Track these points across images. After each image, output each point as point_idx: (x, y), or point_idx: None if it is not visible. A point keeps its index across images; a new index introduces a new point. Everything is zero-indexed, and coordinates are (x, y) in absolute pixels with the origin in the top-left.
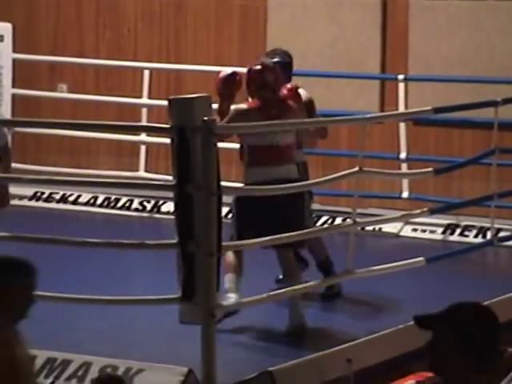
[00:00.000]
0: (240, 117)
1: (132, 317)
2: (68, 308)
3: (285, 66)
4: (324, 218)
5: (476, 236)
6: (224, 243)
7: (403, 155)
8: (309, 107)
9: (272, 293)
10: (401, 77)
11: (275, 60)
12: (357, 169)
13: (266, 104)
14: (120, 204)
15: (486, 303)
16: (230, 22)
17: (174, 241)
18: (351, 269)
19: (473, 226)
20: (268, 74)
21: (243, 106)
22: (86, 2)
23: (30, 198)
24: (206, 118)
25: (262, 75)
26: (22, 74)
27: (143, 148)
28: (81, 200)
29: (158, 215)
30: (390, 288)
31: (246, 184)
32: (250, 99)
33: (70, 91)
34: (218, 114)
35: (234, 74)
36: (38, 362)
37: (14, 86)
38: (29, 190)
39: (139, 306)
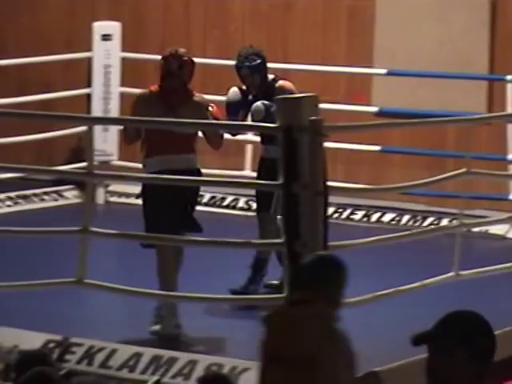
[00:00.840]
0: (142, 103)
1: (235, 315)
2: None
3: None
4: (430, 219)
5: None
6: (330, 243)
7: (511, 156)
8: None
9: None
10: (509, 77)
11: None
12: (464, 170)
13: (166, 91)
14: (226, 203)
15: None
16: (338, 22)
17: (281, 240)
18: (457, 270)
19: None
20: (172, 62)
21: (146, 91)
22: (193, 1)
23: (137, 196)
24: (313, 118)
25: (167, 63)
26: (130, 72)
27: (249, 147)
28: None
29: None
30: (495, 290)
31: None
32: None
33: None
34: None
35: None
36: (145, 360)
37: (122, 85)
38: (136, 188)
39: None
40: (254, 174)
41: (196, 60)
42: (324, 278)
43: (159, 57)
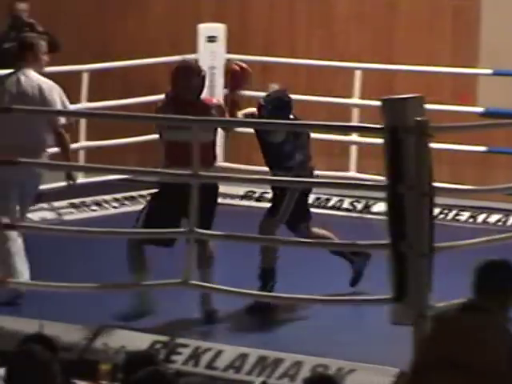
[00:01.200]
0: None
1: (342, 316)
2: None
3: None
4: None
5: None
6: (436, 244)
7: None
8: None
9: None
10: None
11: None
12: None
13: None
14: (330, 204)
15: None
16: (443, 22)
17: (386, 241)
18: None
19: None
20: (192, 76)
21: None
22: (298, 2)
23: (242, 197)
24: (419, 119)
25: (186, 75)
26: None
27: (354, 148)
28: None
29: (368, 215)
30: None
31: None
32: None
33: None
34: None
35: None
36: (251, 360)
37: (225, 87)
38: (241, 189)
39: (351, 305)
40: (359, 175)
41: (300, 61)
42: (502, 285)
43: (264, 58)
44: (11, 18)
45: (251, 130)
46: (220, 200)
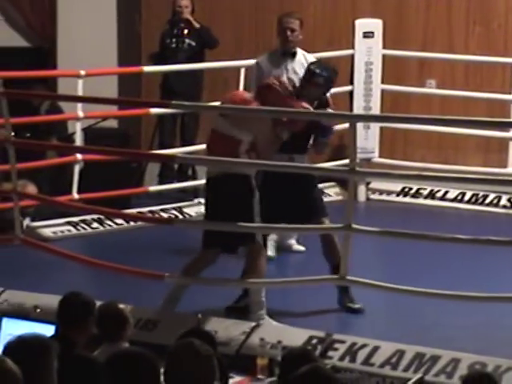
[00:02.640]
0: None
1: (500, 314)
2: (437, 304)
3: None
4: None
5: None
6: None
7: None
8: None
9: None
10: None
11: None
12: None
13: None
14: (488, 201)
15: None
16: None
17: None
18: None
19: None
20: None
21: None
22: None
23: (398, 194)
24: None
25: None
26: (392, 69)
27: None
28: (448, 196)
29: None
30: None
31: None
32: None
33: (438, 87)
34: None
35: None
36: (407, 357)
37: (383, 82)
38: (397, 186)
39: (507, 303)
40: None
41: (458, 57)
42: None
43: (421, 54)
44: (172, 13)
45: (407, 126)
46: (376, 196)
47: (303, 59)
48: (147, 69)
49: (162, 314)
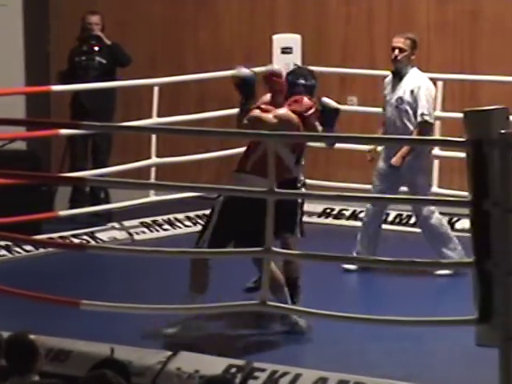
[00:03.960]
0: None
1: (425, 338)
2: (363, 328)
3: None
4: None
5: None
6: None
7: None
8: None
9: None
10: None
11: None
12: None
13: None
14: (412, 221)
15: None
16: None
17: (470, 259)
18: None
19: None
20: (276, 81)
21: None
22: (376, 12)
23: (320, 215)
24: (504, 131)
25: (273, 82)
26: None
27: (436, 162)
28: None
29: (452, 232)
30: None
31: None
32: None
33: (360, 104)
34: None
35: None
36: None
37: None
38: (318, 207)
39: (433, 327)
40: (442, 191)
41: (379, 72)
42: None
43: (342, 70)
44: (81, 30)
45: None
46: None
47: (411, 81)
48: (56, 88)
49: (72, 343)
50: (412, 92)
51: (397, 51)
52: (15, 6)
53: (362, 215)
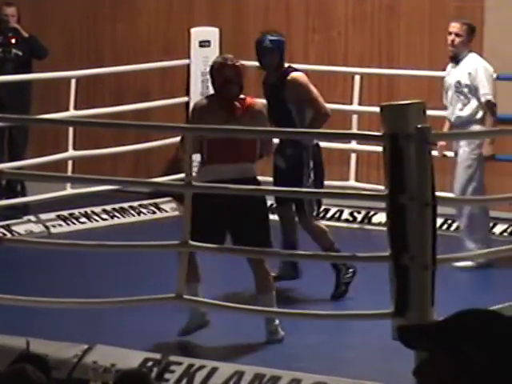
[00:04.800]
0: (202, 112)
1: (343, 332)
2: (282, 322)
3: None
4: None
5: None
6: (439, 256)
7: None
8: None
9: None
10: None
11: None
12: None
13: (226, 100)
14: (329, 214)
15: None
16: (445, 24)
17: (387, 253)
18: None
19: None
20: (229, 70)
21: (202, 99)
22: (295, 5)
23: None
24: (420, 126)
25: (224, 71)
26: None
27: (353, 156)
28: None
29: (368, 226)
30: None
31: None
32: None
33: None
34: None
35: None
36: (246, 378)
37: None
38: None
39: (351, 320)
40: (359, 185)
41: (297, 66)
42: None
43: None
44: None
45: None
46: None
47: (468, 65)
48: None
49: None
50: (470, 74)
51: (453, 36)
52: None
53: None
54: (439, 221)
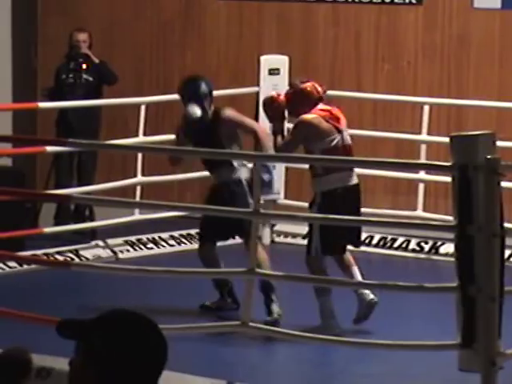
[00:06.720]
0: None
1: (408, 362)
2: (346, 351)
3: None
4: None
5: None
6: (507, 288)
7: None
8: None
9: None
10: None
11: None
12: None
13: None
14: (397, 244)
15: None
16: None
17: (454, 284)
18: None
19: None
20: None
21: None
22: (364, 35)
23: (304, 237)
24: (489, 156)
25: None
26: None
27: (421, 186)
28: None
29: (435, 257)
30: None
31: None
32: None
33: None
34: (272, 134)
35: (273, 96)
36: None
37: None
38: (303, 228)
39: (416, 351)
40: (427, 215)
41: (366, 95)
42: None
43: (329, 92)
44: (69, 48)
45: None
46: (281, 239)
47: None
48: (42, 105)
49: (56, 361)
50: None
51: None
52: (3, 22)
53: None
54: (507, 252)
